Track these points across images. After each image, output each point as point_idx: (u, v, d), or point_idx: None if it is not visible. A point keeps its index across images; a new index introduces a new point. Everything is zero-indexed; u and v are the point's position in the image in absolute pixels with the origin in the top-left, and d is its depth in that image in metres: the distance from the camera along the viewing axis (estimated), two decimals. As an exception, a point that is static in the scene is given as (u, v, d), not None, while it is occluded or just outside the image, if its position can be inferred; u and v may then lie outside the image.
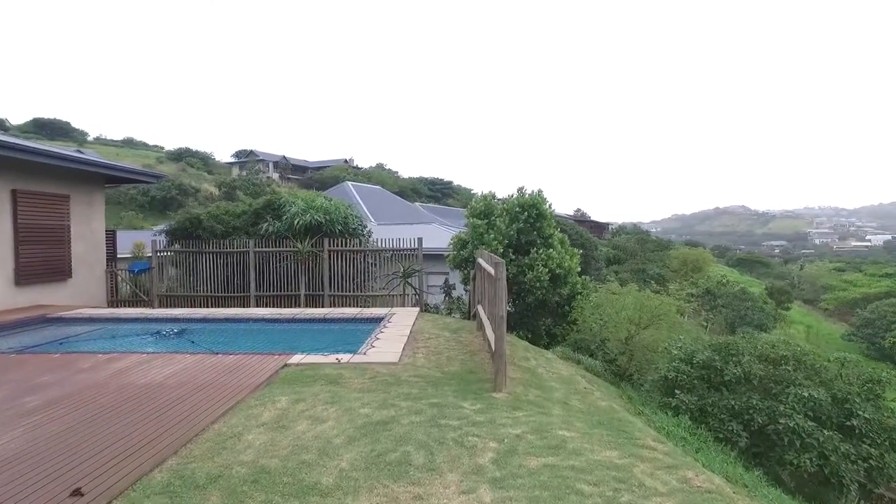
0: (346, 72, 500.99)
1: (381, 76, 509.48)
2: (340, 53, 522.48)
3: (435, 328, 9.73)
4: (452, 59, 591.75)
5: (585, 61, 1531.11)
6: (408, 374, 6.50)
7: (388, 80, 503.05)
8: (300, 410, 5.11)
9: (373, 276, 14.87)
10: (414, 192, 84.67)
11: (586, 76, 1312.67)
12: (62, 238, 13.52)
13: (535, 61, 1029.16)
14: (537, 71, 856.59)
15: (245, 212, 16.24)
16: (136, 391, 5.68)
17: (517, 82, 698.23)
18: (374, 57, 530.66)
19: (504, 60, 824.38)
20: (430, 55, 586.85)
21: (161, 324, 10.77)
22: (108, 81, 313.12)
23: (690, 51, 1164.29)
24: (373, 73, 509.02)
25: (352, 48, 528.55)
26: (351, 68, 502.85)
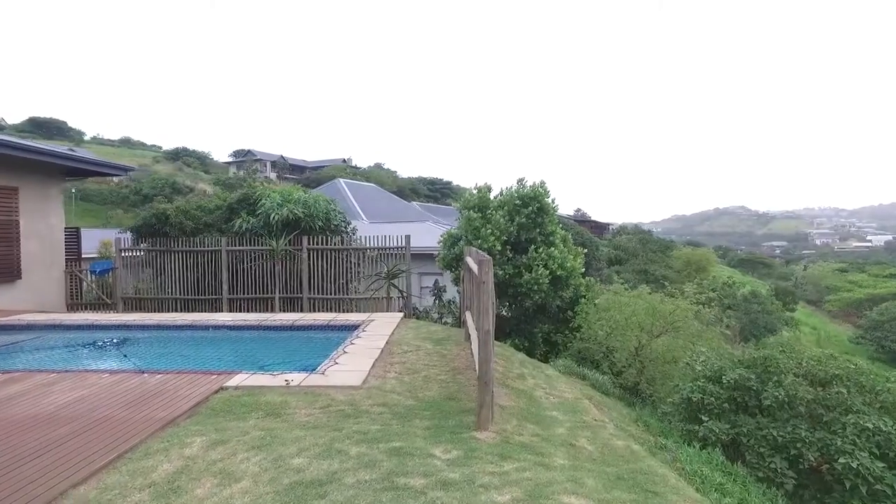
0: (345, 71, 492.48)
1: (380, 76, 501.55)
2: (339, 52, 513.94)
3: (416, 338, 8.39)
4: (451, 58, 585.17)
5: (586, 61, 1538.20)
6: (371, 401, 5.16)
7: (387, 80, 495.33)
8: (212, 461, 3.77)
9: (357, 277, 13.54)
10: (412, 192, 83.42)
11: (586, 76, 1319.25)
12: (9, 235, 12.17)
13: (535, 61, 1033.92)
14: (537, 71, 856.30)
15: (219, 207, 14.93)
16: (11, 428, 4.35)
17: (517, 82, 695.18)
18: (373, 56, 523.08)
19: (504, 60, 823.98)
20: (429, 54, 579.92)
21: (106, 332, 9.44)
22: (105, 81, 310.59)
23: (690, 50, 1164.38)
24: (372, 72, 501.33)
25: (351, 47, 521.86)
26: (350, 68, 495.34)
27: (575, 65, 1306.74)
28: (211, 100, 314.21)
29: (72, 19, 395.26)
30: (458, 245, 12.71)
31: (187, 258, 13.58)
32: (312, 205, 13.55)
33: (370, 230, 15.94)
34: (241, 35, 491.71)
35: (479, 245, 11.56)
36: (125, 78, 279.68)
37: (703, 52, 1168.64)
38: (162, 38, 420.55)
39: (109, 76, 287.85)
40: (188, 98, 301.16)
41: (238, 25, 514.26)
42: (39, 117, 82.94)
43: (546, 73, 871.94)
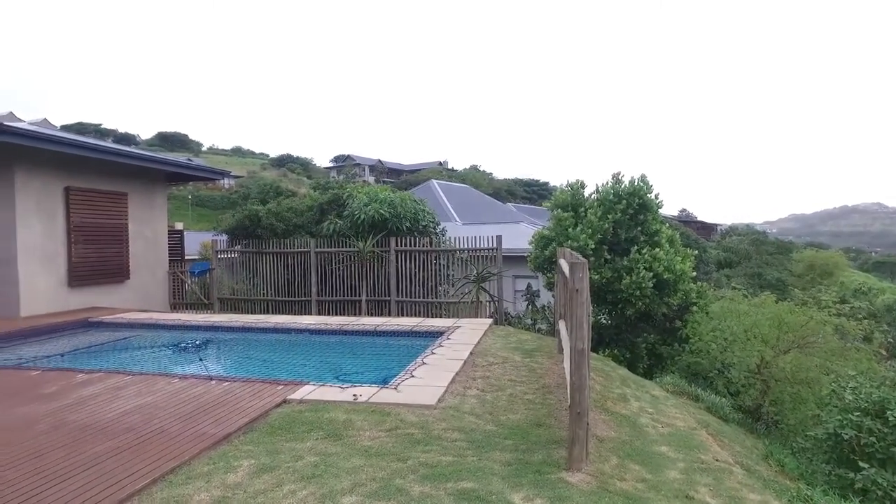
0: (443, 73, 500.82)
1: (478, 76, 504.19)
2: (437, 55, 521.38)
3: (504, 348, 7.64)
4: (551, 57, 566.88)
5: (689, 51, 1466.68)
6: (445, 425, 4.49)
7: (483, 80, 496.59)
8: (253, 493, 3.26)
9: (446, 279, 13.01)
10: (508, 194, 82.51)
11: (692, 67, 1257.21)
12: (119, 238, 12.77)
13: (636, 55, 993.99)
14: (639, 65, 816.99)
15: (309, 208, 14.96)
16: (63, 439, 4.10)
17: (620, 77, 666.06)
18: (471, 57, 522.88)
19: (605, 57, 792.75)
20: (528, 55, 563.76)
21: (195, 332, 9.50)
22: (221, 95, 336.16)
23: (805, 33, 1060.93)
24: (470, 73, 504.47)
25: (449, 50, 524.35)
26: (448, 69, 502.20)
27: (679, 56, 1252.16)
28: (314, 108, 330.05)
29: (192, 40, 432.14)
30: (550, 247, 11.80)
31: (278, 260, 13.67)
32: (399, 205, 13.18)
33: (462, 231, 15.37)
34: (345, 45, 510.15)
35: (570, 245, 10.61)
36: (238, 91, 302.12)
37: (822, 33, 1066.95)
38: (270, 53, 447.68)
39: (224, 90, 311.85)
40: (293, 107, 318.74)
41: (340, 36, 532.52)
42: (166, 132, 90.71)
43: (648, 66, 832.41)
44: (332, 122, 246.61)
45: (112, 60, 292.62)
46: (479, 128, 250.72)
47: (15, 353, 7.99)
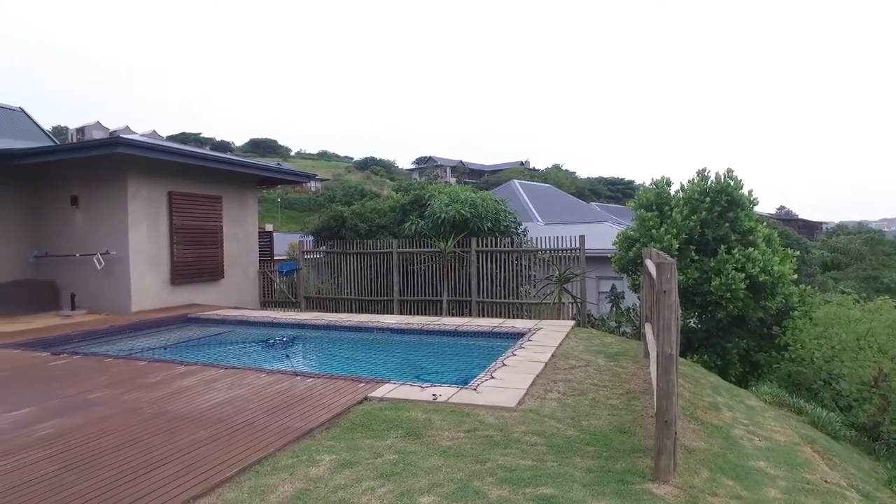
0: (526, 72, 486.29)
1: (562, 74, 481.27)
2: (518, 55, 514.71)
3: (587, 351, 7.42)
4: (637, 49, 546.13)
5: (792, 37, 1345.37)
6: (524, 428, 4.40)
7: (568, 78, 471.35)
8: (334, 487, 3.32)
9: (527, 280, 12.85)
10: (592, 193, 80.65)
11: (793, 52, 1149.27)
12: (215, 239, 13.58)
13: (730, 46, 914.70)
14: (731, 56, 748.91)
15: (392, 209, 15.24)
16: (163, 426, 4.38)
17: (709, 68, 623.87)
18: (553, 55, 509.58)
19: (692, 46, 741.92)
20: (611, 50, 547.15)
21: (282, 329, 9.91)
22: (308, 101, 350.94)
23: None
24: (552, 71, 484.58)
25: (528, 49, 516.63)
26: (531, 68, 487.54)
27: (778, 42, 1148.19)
28: (397, 111, 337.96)
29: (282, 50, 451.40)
30: (635, 247, 11.35)
31: (361, 260, 14.03)
32: (480, 205, 13.16)
33: (544, 232, 15.15)
34: (426, 47, 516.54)
35: (654, 246, 10.16)
36: (324, 97, 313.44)
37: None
38: (354, 60, 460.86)
39: (311, 97, 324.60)
40: (377, 111, 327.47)
41: (424, 42, 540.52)
42: (257, 138, 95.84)
43: (742, 55, 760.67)
44: (415, 125, 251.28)
45: (212, 72, 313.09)
46: (562, 126, 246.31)
47: (126, 344, 8.68)
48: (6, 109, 17.16)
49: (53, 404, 5.10)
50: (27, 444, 4.10)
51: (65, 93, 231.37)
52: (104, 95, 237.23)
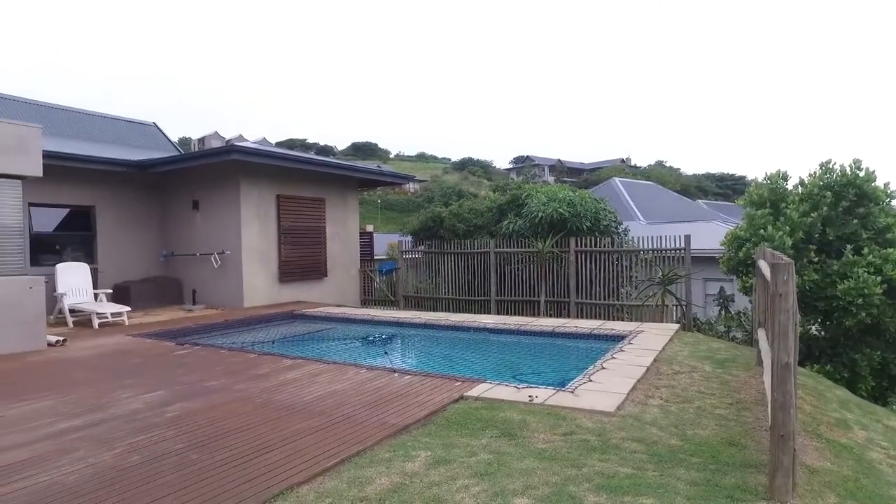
0: (624, 66, 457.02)
1: (664, 65, 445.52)
2: (618, 46, 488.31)
3: (692, 357, 7.02)
4: (746, 36, 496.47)
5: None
6: (624, 434, 4.23)
7: (669, 69, 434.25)
8: (428, 483, 3.36)
9: (628, 281, 12.39)
10: (698, 190, 76.49)
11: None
12: (319, 239, 14.25)
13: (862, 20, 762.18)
14: (854, 32, 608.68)
15: (489, 209, 15.25)
16: (270, 414, 4.65)
17: (831, 47, 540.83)
18: (654, 46, 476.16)
19: (817, 28, 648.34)
20: (716, 38, 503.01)
21: (381, 327, 10.22)
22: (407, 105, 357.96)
23: None
24: (654, 63, 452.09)
25: (626, 41, 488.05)
26: (629, 61, 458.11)
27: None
28: (494, 111, 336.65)
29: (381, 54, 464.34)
30: (745, 247, 10.59)
31: (459, 259, 14.15)
32: (579, 204, 12.85)
33: (646, 231, 14.55)
34: (522, 46, 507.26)
35: (766, 246, 9.42)
36: (422, 100, 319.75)
37: None
38: (450, 61, 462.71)
39: (410, 100, 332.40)
40: (474, 112, 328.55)
41: (519, 40, 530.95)
42: (358, 142, 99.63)
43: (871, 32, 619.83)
44: (512, 124, 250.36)
45: (317, 80, 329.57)
46: (665, 120, 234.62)
47: (239, 338, 9.31)
48: (141, 124, 19.01)
49: (179, 389, 5.57)
50: (158, 423, 4.51)
51: (190, 106, 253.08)
52: (223, 106, 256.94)
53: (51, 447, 4.03)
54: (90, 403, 5.14)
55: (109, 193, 12.84)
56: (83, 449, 3.98)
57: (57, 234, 12.30)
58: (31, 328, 8.00)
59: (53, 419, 4.70)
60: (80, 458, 3.81)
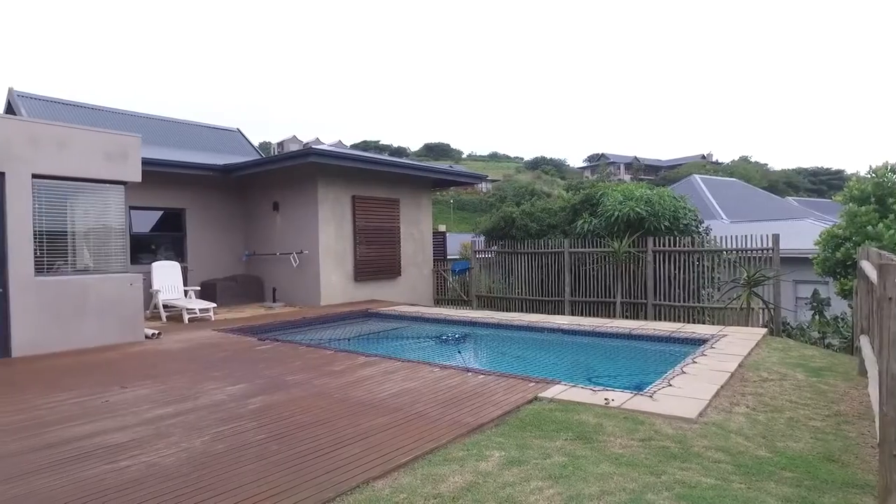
0: (702, 58, 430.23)
1: (746, 55, 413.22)
2: (693, 38, 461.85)
3: (782, 364, 6.61)
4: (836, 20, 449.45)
5: None
6: (706, 442, 4.03)
7: (753, 59, 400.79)
8: (502, 483, 3.33)
9: (710, 283, 11.83)
10: (788, 186, 72.08)
11: None
12: (393, 239, 14.50)
13: None
14: None
15: (563, 208, 14.98)
16: (346, 410, 4.76)
17: None
18: (733, 36, 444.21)
19: None
20: (811, 18, 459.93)
21: (454, 327, 10.26)
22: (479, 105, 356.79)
23: None
24: (735, 54, 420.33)
25: (703, 32, 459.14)
26: (708, 52, 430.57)
27: None
28: (568, 108, 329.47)
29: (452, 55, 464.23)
30: (844, 247, 9.85)
31: (531, 259, 14.00)
32: (657, 202, 12.39)
33: (729, 230, 13.85)
34: (596, 42, 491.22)
35: (870, 245, 8.68)
36: (494, 100, 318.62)
37: None
38: (523, 60, 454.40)
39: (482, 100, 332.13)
40: (547, 110, 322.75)
41: (592, 37, 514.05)
42: (431, 142, 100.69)
43: None
44: (586, 122, 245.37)
45: (390, 83, 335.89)
46: (750, 113, 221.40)
47: (316, 335, 9.62)
48: (226, 131, 20.05)
49: (260, 383, 5.82)
50: (242, 414, 4.73)
51: (269, 112, 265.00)
52: (299, 112, 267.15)
53: (149, 431, 4.32)
54: (182, 393, 5.47)
55: (198, 196, 13.62)
56: (176, 434, 4.23)
57: (152, 234, 13.17)
58: (131, 322, 8.61)
59: (150, 406, 5.03)
60: (173, 442, 4.06)
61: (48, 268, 7.95)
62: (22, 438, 4.24)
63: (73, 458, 3.82)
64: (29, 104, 15.67)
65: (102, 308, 8.31)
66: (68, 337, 7.95)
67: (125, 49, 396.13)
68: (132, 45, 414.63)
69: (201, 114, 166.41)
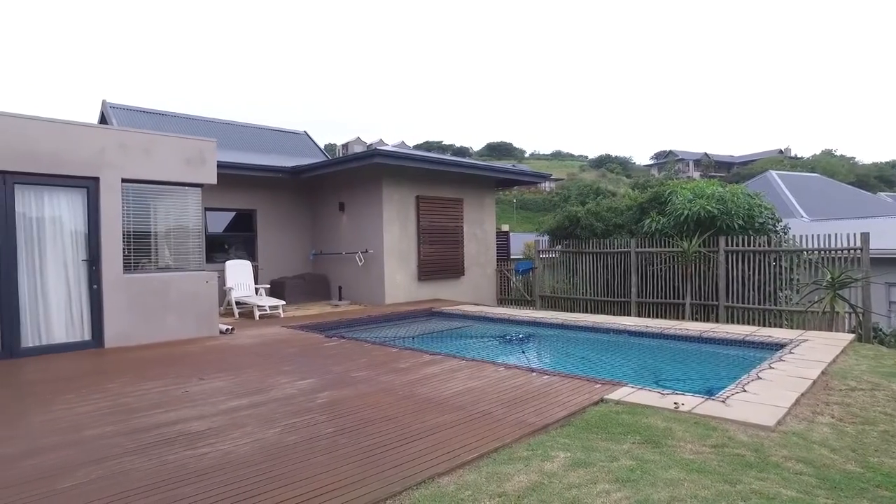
0: (775, 49, 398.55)
1: (829, 45, 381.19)
2: (769, 31, 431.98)
3: (873, 372, 6.19)
4: None
5: None
6: (786, 452, 3.83)
7: (833, 48, 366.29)
8: (567, 485, 3.29)
9: (788, 285, 11.23)
10: (879, 181, 67.36)
11: None
12: (456, 238, 14.57)
13: None
14: None
15: (629, 207, 14.62)
16: (412, 406, 4.83)
17: None
18: (808, 22, 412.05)
19: None
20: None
21: (517, 327, 10.20)
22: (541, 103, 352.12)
23: None
24: (811, 43, 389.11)
25: (780, 22, 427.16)
26: (784, 46, 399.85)
27: None
28: (634, 105, 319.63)
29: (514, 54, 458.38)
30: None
31: (597, 259, 13.74)
32: (730, 200, 11.89)
33: (810, 229, 13.12)
34: (662, 34, 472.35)
35: None
36: (557, 97, 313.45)
37: None
38: (585, 57, 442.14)
39: (544, 98, 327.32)
40: (612, 107, 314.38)
41: (657, 33, 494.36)
42: (494, 142, 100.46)
43: None
44: (653, 118, 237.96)
45: (452, 82, 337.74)
46: (833, 104, 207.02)
47: (381, 332, 9.80)
48: (294, 133, 20.73)
49: (328, 378, 5.99)
50: (311, 408, 4.88)
51: (334, 114, 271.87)
52: (363, 114, 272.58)
53: (225, 421, 4.53)
54: (254, 386, 5.70)
55: (268, 197, 14.15)
56: (250, 425, 4.42)
57: (225, 234, 13.79)
58: (207, 317, 9.06)
59: (226, 397, 5.28)
60: (248, 432, 4.24)
61: (134, 266, 8.48)
62: (115, 422, 4.55)
63: (158, 442, 4.07)
64: (118, 114, 16.77)
65: (182, 304, 8.79)
66: (152, 330, 8.46)
67: (200, 60, 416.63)
68: (205, 56, 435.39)
69: (268, 117, 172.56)
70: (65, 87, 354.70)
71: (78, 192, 7.99)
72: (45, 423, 4.63)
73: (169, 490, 3.27)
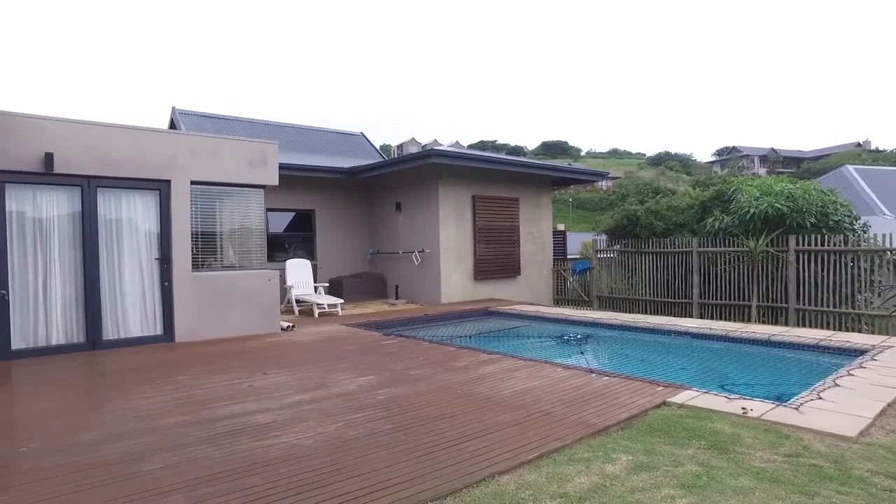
0: (850, 39, 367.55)
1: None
2: (840, 17, 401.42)
3: (962, 379, 5.75)
4: None
5: None
6: (871, 465, 3.61)
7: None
8: (630, 488, 3.21)
9: (868, 287, 10.60)
10: (971, 176, 62.44)
11: None
12: (512, 238, 14.49)
13: None
14: None
15: (690, 206, 14.16)
16: (470, 405, 4.84)
17: None
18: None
19: None
20: None
21: (575, 327, 10.04)
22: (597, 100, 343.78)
23: None
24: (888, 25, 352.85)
25: (852, 6, 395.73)
26: (857, 33, 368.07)
27: None
28: (693, 100, 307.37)
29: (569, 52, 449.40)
30: None
31: (656, 259, 13.37)
32: (801, 197, 11.31)
33: (893, 227, 12.32)
34: (725, 24, 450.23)
35: None
36: (613, 94, 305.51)
37: None
38: (642, 53, 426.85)
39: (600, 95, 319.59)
40: (671, 103, 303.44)
41: (723, 18, 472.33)
42: (548, 140, 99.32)
43: None
44: (714, 113, 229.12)
45: (506, 80, 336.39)
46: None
47: (438, 331, 9.85)
48: (350, 135, 21.12)
49: (387, 375, 6.07)
50: (370, 404, 4.97)
51: (389, 115, 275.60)
52: (417, 114, 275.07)
53: (289, 415, 4.67)
54: (316, 381, 5.85)
55: (326, 198, 14.48)
56: (313, 419, 4.54)
57: (285, 234, 14.20)
58: (269, 314, 9.36)
59: (289, 392, 5.44)
60: (310, 426, 4.35)
61: (202, 264, 8.85)
62: (185, 413, 4.77)
63: (226, 433, 4.23)
64: (186, 119, 17.56)
65: (245, 301, 9.11)
66: (217, 326, 8.81)
67: (260, 66, 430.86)
68: (265, 61, 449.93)
69: (326, 119, 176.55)
70: (138, 95, 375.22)
71: (151, 194, 8.41)
72: (126, 410, 4.90)
73: (238, 479, 3.39)
